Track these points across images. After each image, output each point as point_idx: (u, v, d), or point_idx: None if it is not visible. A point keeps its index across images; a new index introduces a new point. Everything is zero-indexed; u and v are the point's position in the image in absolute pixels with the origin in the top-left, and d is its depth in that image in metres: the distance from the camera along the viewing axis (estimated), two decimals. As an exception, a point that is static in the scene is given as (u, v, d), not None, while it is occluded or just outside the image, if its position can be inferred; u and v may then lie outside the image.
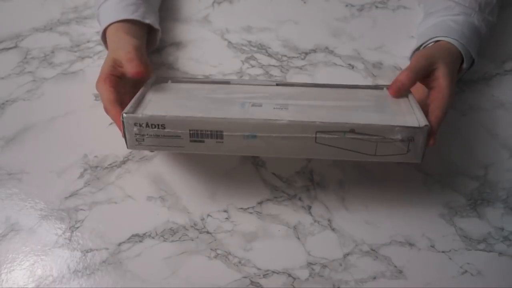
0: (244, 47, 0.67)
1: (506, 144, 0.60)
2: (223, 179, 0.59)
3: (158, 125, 0.46)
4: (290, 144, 0.46)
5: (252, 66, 0.66)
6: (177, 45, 0.67)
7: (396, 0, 0.69)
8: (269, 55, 0.66)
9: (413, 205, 0.57)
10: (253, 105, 0.48)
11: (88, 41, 0.68)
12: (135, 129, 0.47)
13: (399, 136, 0.46)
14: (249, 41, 0.67)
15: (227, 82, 0.54)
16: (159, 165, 0.60)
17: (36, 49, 0.68)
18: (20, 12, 0.71)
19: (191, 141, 0.47)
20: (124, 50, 0.54)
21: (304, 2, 0.69)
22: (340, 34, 0.67)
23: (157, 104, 0.49)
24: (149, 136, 0.47)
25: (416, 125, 0.45)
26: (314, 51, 0.66)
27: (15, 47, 0.69)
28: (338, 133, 0.45)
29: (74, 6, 0.71)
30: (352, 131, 0.45)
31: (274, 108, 0.48)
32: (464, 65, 0.56)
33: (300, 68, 0.65)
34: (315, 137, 0.46)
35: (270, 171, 0.59)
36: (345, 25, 0.68)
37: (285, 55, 0.66)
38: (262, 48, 0.67)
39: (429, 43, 0.57)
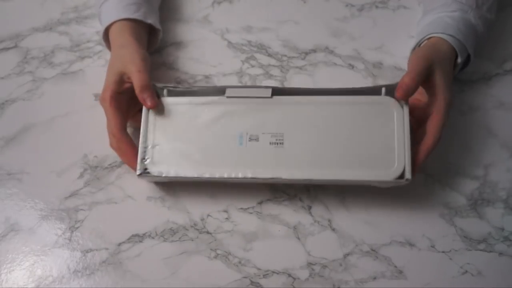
0: (244, 47, 0.67)
1: (506, 144, 0.60)
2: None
3: (168, 178, 0.54)
4: (287, 182, 0.54)
5: (252, 66, 0.66)
6: (177, 45, 0.67)
7: (396, 0, 0.69)
8: (269, 55, 0.66)
9: (413, 205, 0.57)
10: (250, 138, 0.53)
11: (88, 41, 0.68)
12: (147, 178, 0.55)
13: (382, 185, 0.55)
14: (249, 41, 0.67)
15: (223, 91, 0.55)
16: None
17: (36, 49, 0.68)
18: (20, 12, 0.71)
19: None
20: (135, 66, 0.55)
21: (304, 2, 0.69)
22: (340, 34, 0.67)
23: (161, 153, 0.54)
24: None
25: (396, 176, 0.51)
26: (314, 51, 0.66)
27: (15, 47, 0.69)
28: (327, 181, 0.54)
29: (74, 6, 0.71)
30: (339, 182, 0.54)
31: (270, 144, 0.53)
32: (459, 60, 0.56)
33: (300, 68, 0.65)
34: (307, 181, 0.53)
35: (270, 171, 0.59)
36: (345, 25, 0.68)
37: (285, 55, 0.66)
38: (262, 48, 0.67)
39: (423, 41, 0.57)
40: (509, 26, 0.66)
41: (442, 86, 0.52)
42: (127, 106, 0.56)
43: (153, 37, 0.64)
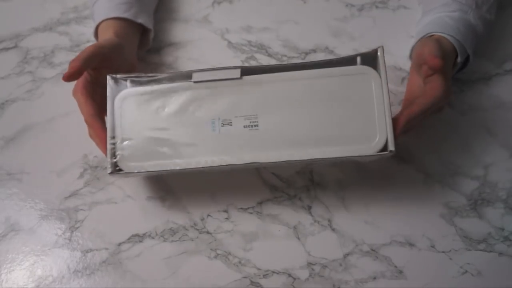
0: (244, 47, 0.67)
1: (506, 144, 0.60)
2: (223, 179, 0.59)
3: (141, 173, 0.52)
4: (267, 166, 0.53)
5: (252, 66, 0.66)
6: (177, 45, 0.67)
7: (396, 0, 0.69)
8: (269, 55, 0.66)
9: (413, 205, 0.57)
10: (223, 123, 0.50)
11: (88, 41, 0.68)
12: (119, 176, 0.53)
13: (366, 160, 0.52)
14: (249, 41, 0.67)
15: (189, 76, 0.52)
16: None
17: (36, 49, 0.68)
18: (20, 12, 0.71)
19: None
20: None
21: (304, 2, 0.69)
22: (340, 34, 0.67)
23: (132, 147, 0.51)
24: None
25: (378, 149, 0.49)
26: (314, 51, 0.66)
27: (15, 47, 0.69)
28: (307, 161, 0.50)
29: (74, 6, 0.71)
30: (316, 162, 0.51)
31: (245, 127, 0.50)
32: (459, 59, 0.56)
33: (300, 68, 0.65)
34: (287, 164, 0.51)
35: (270, 171, 0.59)
36: (345, 25, 0.68)
37: (285, 55, 0.66)
38: (262, 48, 0.67)
39: (423, 38, 0.57)
40: (509, 26, 0.66)
41: (441, 78, 0.52)
42: (102, 100, 0.54)
43: (145, 37, 0.64)
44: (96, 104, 0.53)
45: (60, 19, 0.70)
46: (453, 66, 0.57)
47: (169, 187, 0.59)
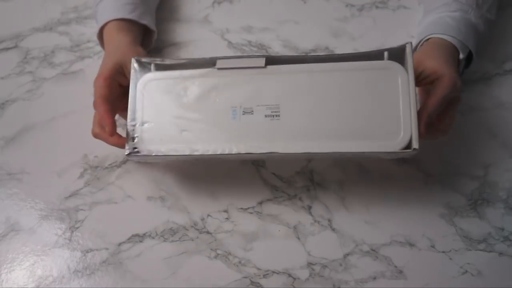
0: (244, 47, 0.67)
1: (506, 144, 0.60)
2: (223, 179, 0.59)
3: (159, 157, 0.51)
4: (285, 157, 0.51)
5: (252, 66, 0.66)
6: (177, 45, 0.67)
7: (396, 0, 0.69)
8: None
9: (413, 205, 0.57)
10: (244, 112, 0.50)
11: (88, 41, 0.68)
12: (136, 158, 0.53)
13: (387, 157, 0.50)
14: (249, 41, 0.67)
15: (213, 63, 0.51)
16: (159, 165, 0.60)
17: (36, 49, 0.68)
18: (20, 12, 0.71)
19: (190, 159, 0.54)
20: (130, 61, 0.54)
21: (304, 2, 0.69)
22: (340, 34, 0.67)
23: (151, 130, 0.51)
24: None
25: (402, 146, 0.47)
26: (314, 51, 0.66)
27: (15, 47, 0.69)
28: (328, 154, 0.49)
29: (74, 6, 0.71)
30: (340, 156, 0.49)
31: (266, 117, 0.49)
32: (461, 56, 0.56)
33: (300, 68, 0.65)
34: (307, 156, 0.51)
35: (270, 171, 0.59)
36: (345, 25, 0.68)
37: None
38: (262, 48, 0.67)
39: (423, 42, 0.58)
40: (509, 26, 0.66)
41: (439, 66, 0.52)
42: (118, 100, 0.55)
43: (148, 38, 0.64)
44: (111, 94, 0.53)
45: (61, 19, 0.70)
46: (458, 64, 0.57)
47: (169, 187, 0.59)
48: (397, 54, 0.49)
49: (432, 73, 0.52)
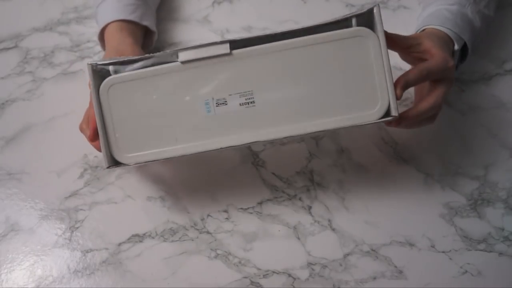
0: (244, 47, 0.67)
1: (506, 144, 0.60)
2: (223, 179, 0.59)
3: (139, 164, 0.49)
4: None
5: (252, 66, 0.66)
6: (177, 45, 0.67)
7: (396, 0, 0.69)
8: (269, 55, 0.66)
9: (413, 205, 0.57)
10: (218, 103, 0.48)
11: (88, 41, 0.68)
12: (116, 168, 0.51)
13: (370, 125, 0.49)
14: (249, 41, 0.67)
15: (175, 56, 0.48)
16: (159, 165, 0.60)
17: (36, 49, 0.68)
18: (20, 12, 0.71)
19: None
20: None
21: (304, 2, 0.69)
22: (340, 34, 0.67)
23: (126, 138, 0.49)
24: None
25: (381, 115, 0.47)
26: (314, 51, 0.66)
27: (15, 47, 0.69)
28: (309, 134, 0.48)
29: (74, 6, 0.71)
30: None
31: (241, 105, 0.48)
32: (456, 47, 0.56)
33: (300, 68, 0.65)
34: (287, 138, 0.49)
35: (270, 171, 0.59)
36: (345, 25, 0.67)
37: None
38: (262, 48, 0.67)
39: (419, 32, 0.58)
40: (509, 26, 0.66)
41: (433, 46, 0.52)
42: None
43: (148, 39, 0.64)
44: None
45: (60, 19, 0.70)
46: (452, 56, 0.57)
47: (169, 187, 0.59)
48: (366, 19, 0.47)
49: (426, 50, 0.52)
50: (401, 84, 0.47)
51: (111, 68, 0.49)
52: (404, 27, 0.66)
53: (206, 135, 0.48)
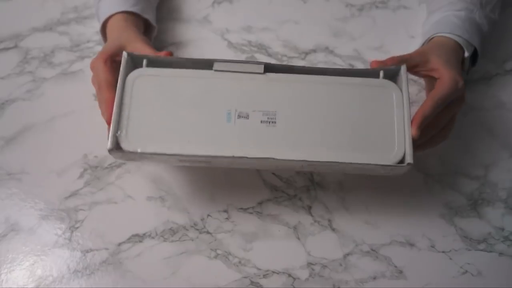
0: (244, 47, 0.67)
1: (506, 144, 0.60)
2: (223, 179, 0.59)
3: (144, 155, 0.48)
4: (279, 165, 0.50)
5: (252, 66, 0.66)
6: (177, 45, 0.67)
7: (396, 0, 0.69)
8: (269, 55, 0.66)
9: (413, 205, 0.57)
10: (239, 116, 0.49)
11: (88, 41, 0.68)
12: (120, 155, 0.49)
13: (381, 171, 0.49)
14: (249, 41, 0.67)
15: (210, 64, 0.50)
16: (159, 165, 0.60)
17: (36, 49, 0.68)
18: (20, 12, 0.71)
19: (179, 161, 0.51)
20: (140, 42, 0.54)
21: (304, 2, 0.69)
22: (340, 34, 0.67)
23: (138, 127, 0.48)
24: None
25: (396, 160, 0.48)
26: (314, 51, 0.66)
27: (15, 47, 0.69)
28: (323, 164, 0.48)
29: (74, 6, 0.71)
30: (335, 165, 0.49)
31: (262, 122, 0.49)
32: (466, 54, 0.56)
33: (300, 68, 0.65)
34: (302, 165, 0.49)
35: (270, 171, 0.59)
36: (345, 25, 0.68)
37: (285, 55, 0.66)
38: (262, 48, 0.67)
39: (427, 41, 0.58)
40: (510, 26, 0.66)
41: (441, 65, 0.52)
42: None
43: (148, 34, 0.64)
44: (115, 75, 0.51)
45: (60, 19, 0.70)
46: (462, 62, 0.57)
47: (169, 187, 0.59)
48: (392, 74, 0.51)
49: (433, 69, 0.52)
50: (418, 123, 0.48)
51: (144, 60, 0.51)
52: (404, 27, 0.66)
53: (220, 142, 0.48)
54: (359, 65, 0.65)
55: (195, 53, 0.67)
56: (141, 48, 0.53)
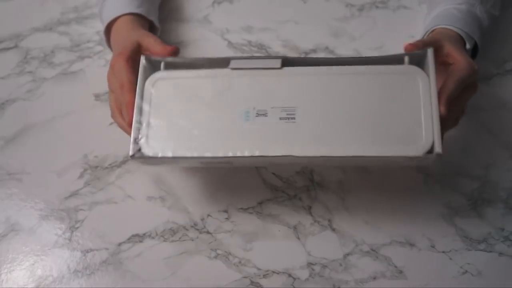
0: (244, 47, 0.67)
1: (507, 144, 0.60)
2: (223, 179, 0.59)
3: (165, 159, 0.48)
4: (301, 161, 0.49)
5: (252, 66, 0.66)
6: (177, 45, 0.67)
7: (396, 0, 0.69)
8: (269, 55, 0.66)
9: (413, 205, 0.57)
10: (258, 114, 0.48)
11: (88, 41, 0.68)
12: (141, 160, 0.49)
13: (409, 162, 0.47)
14: (249, 41, 0.67)
15: (227, 62, 0.50)
16: (162, 165, 0.60)
17: (36, 49, 0.68)
18: (20, 12, 0.71)
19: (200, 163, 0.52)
20: (153, 37, 0.54)
21: (304, 2, 0.69)
22: (340, 34, 0.67)
23: (158, 131, 0.48)
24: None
25: (424, 150, 0.45)
26: (314, 51, 0.66)
27: (15, 47, 0.69)
28: (341, 158, 0.46)
29: (74, 6, 0.71)
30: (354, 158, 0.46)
31: (281, 119, 0.47)
32: (468, 46, 0.56)
33: (300, 68, 0.65)
34: (324, 160, 0.48)
35: (270, 171, 0.59)
36: (345, 25, 0.68)
37: (285, 55, 0.66)
38: (262, 48, 0.67)
39: (429, 33, 0.58)
40: (510, 26, 0.66)
41: (457, 51, 0.51)
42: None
43: None
44: (136, 76, 0.51)
45: (60, 19, 0.70)
46: None
47: (169, 187, 0.59)
48: (418, 59, 0.48)
49: (449, 54, 0.51)
50: (444, 102, 0.46)
51: (162, 63, 0.51)
52: (404, 27, 0.66)
53: (240, 142, 0.47)
54: (359, 65, 0.65)
55: (195, 53, 0.67)
56: (154, 43, 0.53)
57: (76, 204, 0.59)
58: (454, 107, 0.49)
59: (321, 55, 0.66)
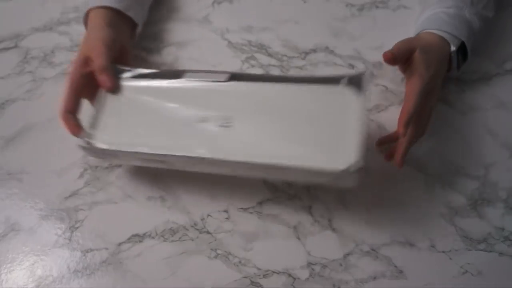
0: (244, 47, 0.67)
1: (506, 144, 0.60)
2: (223, 179, 0.59)
3: (111, 152, 0.53)
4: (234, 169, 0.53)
5: (252, 66, 0.66)
6: (177, 45, 0.67)
7: (396, 0, 0.69)
8: (269, 55, 0.66)
9: (414, 205, 0.57)
10: (201, 120, 0.52)
11: (88, 41, 0.68)
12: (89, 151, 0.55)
13: (327, 179, 0.50)
14: (249, 41, 0.67)
15: (181, 74, 0.55)
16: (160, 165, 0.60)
17: (36, 49, 0.68)
18: (20, 12, 0.71)
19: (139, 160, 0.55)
20: (96, 50, 0.56)
21: (304, 2, 0.69)
22: (340, 34, 0.67)
23: (107, 127, 0.54)
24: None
25: (344, 166, 0.47)
26: (314, 51, 0.66)
27: (15, 47, 0.69)
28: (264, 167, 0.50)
29: (74, 6, 0.71)
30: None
31: (220, 126, 0.52)
32: (452, 48, 0.57)
33: (301, 68, 0.65)
34: (250, 169, 0.51)
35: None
36: (345, 24, 0.68)
37: (285, 55, 0.66)
38: (262, 48, 0.67)
39: None
40: (510, 26, 0.66)
41: (420, 63, 0.53)
42: (88, 88, 0.57)
43: (134, 31, 0.64)
44: (76, 93, 0.56)
45: (60, 19, 0.70)
46: (449, 59, 0.57)
47: (169, 187, 0.59)
48: (355, 81, 0.51)
49: (412, 62, 0.54)
50: (404, 121, 0.50)
51: (124, 74, 0.56)
52: (404, 27, 0.66)
53: (177, 143, 0.51)
54: (359, 65, 0.65)
55: (195, 53, 0.67)
56: (99, 68, 0.56)
57: (76, 204, 0.59)
58: (419, 117, 0.53)
59: (321, 55, 0.66)
